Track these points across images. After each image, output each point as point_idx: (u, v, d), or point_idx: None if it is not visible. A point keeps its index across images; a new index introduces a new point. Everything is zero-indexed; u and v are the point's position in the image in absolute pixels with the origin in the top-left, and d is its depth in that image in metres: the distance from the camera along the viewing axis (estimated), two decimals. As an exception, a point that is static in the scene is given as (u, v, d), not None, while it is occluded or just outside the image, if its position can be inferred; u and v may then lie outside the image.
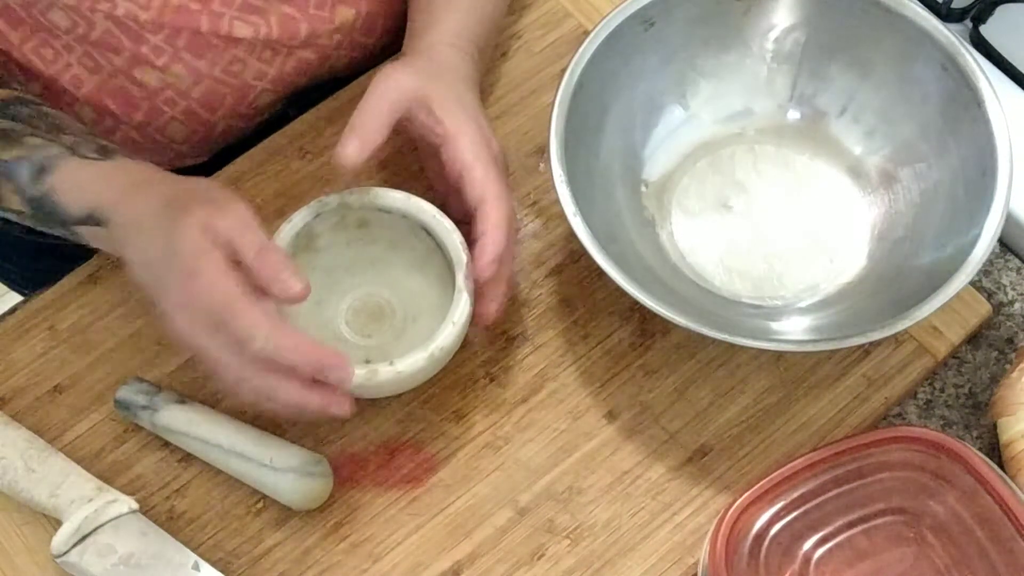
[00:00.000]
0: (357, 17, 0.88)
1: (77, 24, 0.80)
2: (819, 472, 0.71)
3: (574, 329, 0.81)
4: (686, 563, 0.74)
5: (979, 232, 0.73)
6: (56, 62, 0.83)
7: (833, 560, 0.70)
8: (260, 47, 0.85)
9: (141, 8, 0.80)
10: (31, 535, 0.76)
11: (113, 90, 0.84)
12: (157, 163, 0.88)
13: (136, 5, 0.80)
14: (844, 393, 0.79)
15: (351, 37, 0.89)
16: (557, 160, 0.75)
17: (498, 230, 0.74)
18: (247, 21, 0.83)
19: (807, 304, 0.80)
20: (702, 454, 0.77)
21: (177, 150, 0.89)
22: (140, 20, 0.80)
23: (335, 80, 0.91)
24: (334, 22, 0.87)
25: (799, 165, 0.84)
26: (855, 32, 0.81)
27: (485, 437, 0.78)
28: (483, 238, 0.74)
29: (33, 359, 0.81)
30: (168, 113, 0.86)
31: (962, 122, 0.77)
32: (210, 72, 0.84)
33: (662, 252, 0.82)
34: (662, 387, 0.79)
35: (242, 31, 0.83)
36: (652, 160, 0.84)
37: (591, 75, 0.78)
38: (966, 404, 0.80)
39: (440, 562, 0.75)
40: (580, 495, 0.76)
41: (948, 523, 0.71)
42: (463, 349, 0.79)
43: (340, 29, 0.87)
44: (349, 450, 0.78)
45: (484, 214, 0.74)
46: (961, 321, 0.80)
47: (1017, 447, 0.74)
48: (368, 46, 0.91)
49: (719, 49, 0.84)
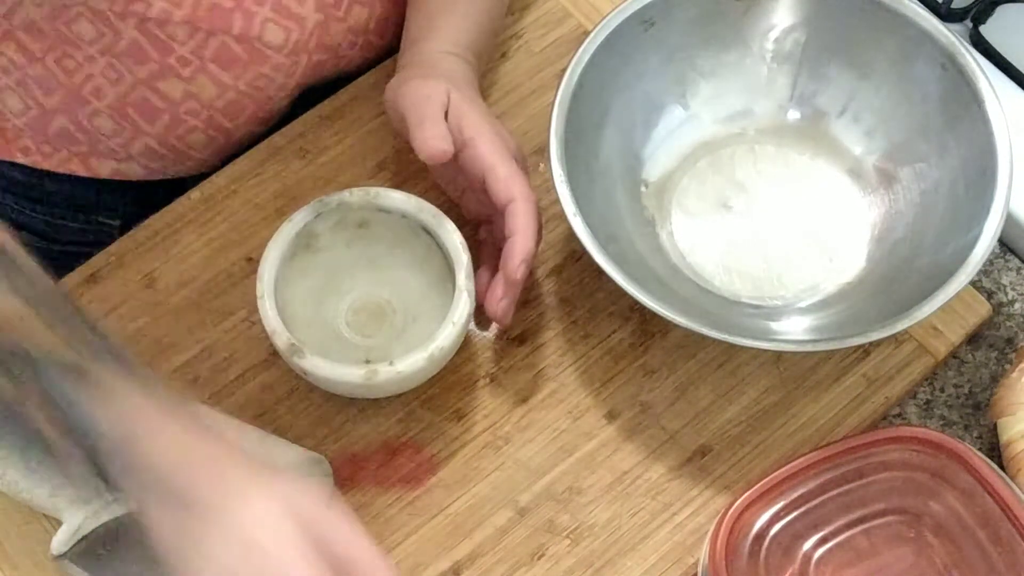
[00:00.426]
0: (371, 18, 0.88)
1: (103, 34, 0.80)
2: (819, 472, 0.71)
3: (574, 329, 0.81)
4: (686, 563, 0.74)
5: (979, 232, 0.73)
6: (78, 72, 0.82)
7: (833, 560, 0.70)
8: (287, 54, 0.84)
9: (175, 6, 0.79)
10: (31, 535, 0.76)
11: (136, 101, 0.84)
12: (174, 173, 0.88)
13: (170, 3, 0.79)
14: (844, 393, 0.79)
15: (365, 38, 0.88)
16: (557, 160, 0.75)
17: (528, 230, 0.74)
18: (280, 25, 0.82)
19: (807, 304, 0.80)
20: (702, 454, 0.77)
21: (196, 158, 0.89)
22: (173, 20, 0.79)
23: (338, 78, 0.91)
24: (347, 22, 0.86)
25: (799, 165, 0.84)
26: (855, 32, 0.81)
27: (485, 437, 0.78)
28: (514, 237, 0.74)
29: (33, 359, 0.81)
30: (190, 123, 0.86)
31: (962, 122, 0.77)
32: (235, 85, 0.84)
33: (662, 252, 0.82)
34: (662, 387, 0.79)
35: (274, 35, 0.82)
36: (652, 160, 0.84)
37: (591, 75, 0.78)
38: (966, 404, 0.80)
39: (440, 562, 0.75)
40: (580, 495, 0.76)
41: (948, 523, 0.71)
42: (463, 349, 0.79)
43: (353, 29, 0.87)
44: (349, 450, 0.78)
45: (513, 213, 0.74)
46: (961, 321, 0.80)
47: (1017, 447, 0.74)
48: (380, 48, 0.90)
49: (719, 49, 0.83)
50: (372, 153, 0.86)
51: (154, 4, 0.78)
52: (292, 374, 0.78)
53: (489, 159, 0.75)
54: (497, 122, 0.79)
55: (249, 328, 0.81)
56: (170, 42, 0.81)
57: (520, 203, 0.74)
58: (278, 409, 0.78)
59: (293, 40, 0.83)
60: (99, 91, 0.83)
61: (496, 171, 0.75)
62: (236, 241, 0.83)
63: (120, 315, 0.82)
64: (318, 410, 0.79)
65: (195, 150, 0.88)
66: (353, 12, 0.86)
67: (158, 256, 0.83)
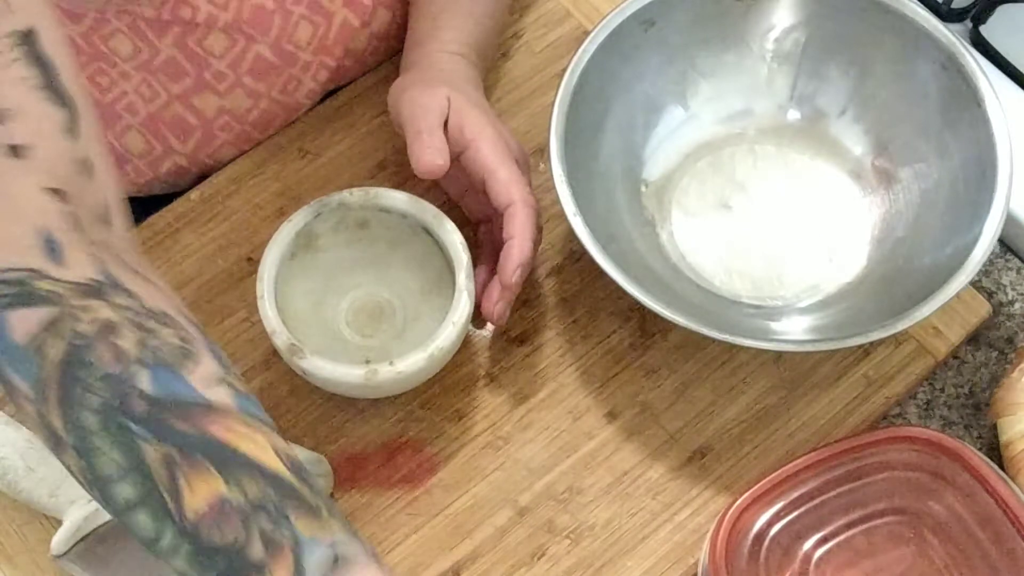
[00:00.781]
0: (393, 23, 0.88)
1: (140, 50, 0.80)
2: (819, 472, 0.71)
3: (574, 329, 0.81)
4: (686, 563, 0.74)
5: (979, 232, 0.73)
6: (112, 90, 0.82)
7: (833, 560, 0.70)
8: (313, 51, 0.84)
9: (220, 8, 0.79)
10: (31, 535, 0.76)
11: (170, 118, 0.84)
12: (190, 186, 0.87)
13: (216, 6, 0.79)
14: (844, 393, 0.79)
15: (387, 44, 0.89)
16: (557, 160, 0.75)
17: (525, 233, 0.74)
18: (311, 21, 0.82)
19: (807, 304, 0.80)
20: (702, 454, 0.77)
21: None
22: (218, 25, 0.79)
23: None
24: (371, 27, 0.86)
25: (799, 165, 0.84)
26: (855, 32, 0.81)
27: (485, 437, 0.78)
28: (511, 241, 0.74)
29: (33, 359, 0.81)
30: (221, 138, 0.86)
31: (962, 122, 0.77)
32: (268, 93, 0.84)
33: (662, 252, 0.82)
34: (662, 387, 0.79)
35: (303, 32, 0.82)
36: (652, 160, 0.84)
37: (591, 75, 0.78)
38: (966, 404, 0.80)
39: (440, 562, 0.75)
40: (580, 495, 0.76)
41: (948, 523, 0.71)
42: (463, 349, 0.79)
43: (377, 35, 0.87)
44: (349, 450, 0.78)
45: (511, 216, 0.74)
46: (961, 321, 0.80)
47: (1017, 447, 0.74)
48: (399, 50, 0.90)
49: (719, 49, 0.83)
50: (372, 153, 0.86)
51: (200, 8, 0.78)
52: (292, 374, 0.78)
53: (490, 162, 0.75)
54: (500, 123, 0.79)
55: (249, 328, 0.81)
56: (207, 57, 0.81)
57: (519, 207, 0.74)
58: (278, 409, 0.78)
59: (319, 36, 0.83)
60: (132, 108, 0.83)
61: (497, 174, 0.75)
62: (236, 241, 0.84)
63: (120, 315, 0.82)
64: (318, 410, 0.79)
65: (223, 164, 0.88)
66: (377, 16, 0.86)
67: (158, 256, 0.83)
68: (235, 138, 0.86)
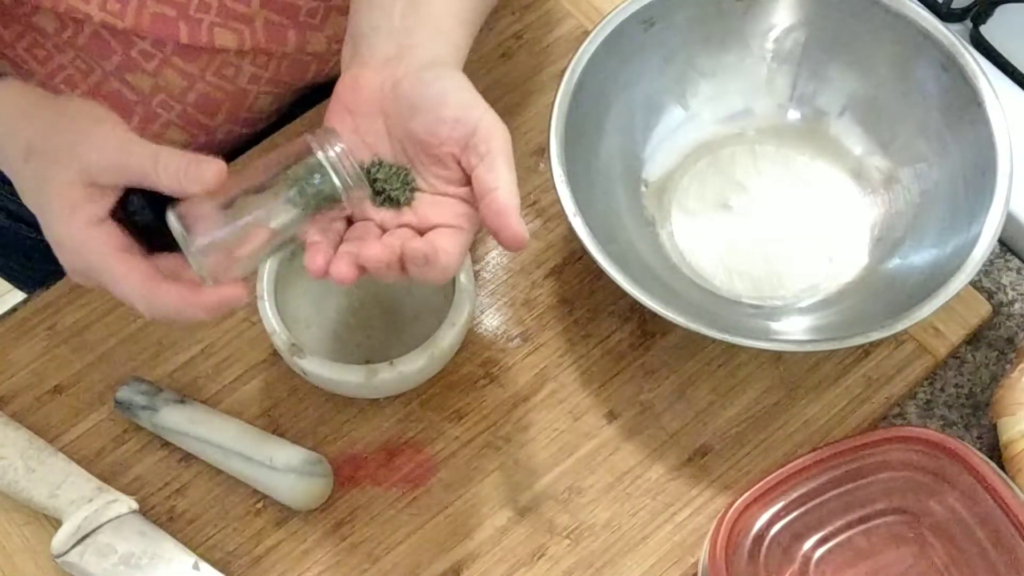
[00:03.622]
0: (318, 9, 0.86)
1: (65, 27, 0.79)
2: (819, 472, 0.71)
3: (574, 329, 0.81)
4: (686, 563, 0.74)
5: (979, 232, 0.73)
6: (49, 62, 0.82)
7: (833, 560, 0.70)
8: (247, 56, 0.83)
9: (116, 18, 0.78)
10: (31, 535, 0.76)
11: (108, 93, 0.83)
12: None
13: (110, 15, 0.78)
14: (844, 393, 0.79)
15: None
16: (557, 160, 0.75)
17: (501, 155, 0.65)
18: (229, 28, 0.81)
19: (807, 304, 0.80)
20: (702, 454, 0.77)
21: None
22: (118, 29, 0.78)
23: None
24: (326, 31, 0.85)
25: (799, 165, 0.84)
26: (855, 32, 0.81)
27: (485, 437, 0.78)
28: (492, 174, 0.64)
29: (33, 359, 0.81)
30: (164, 117, 0.85)
31: (962, 122, 0.77)
32: (202, 76, 0.83)
33: (662, 252, 0.82)
34: (662, 387, 0.79)
35: (224, 39, 0.81)
36: (652, 160, 0.84)
37: (591, 75, 0.78)
38: (966, 404, 0.80)
39: (440, 562, 0.75)
40: (580, 495, 0.76)
41: (948, 523, 0.71)
42: (463, 349, 0.79)
43: (334, 38, 0.86)
44: (349, 450, 0.78)
45: (482, 139, 0.65)
46: (961, 321, 0.80)
47: (1017, 447, 0.74)
48: None
49: (719, 49, 0.84)
50: (372, 153, 0.86)
51: (94, 16, 0.77)
52: (292, 374, 0.78)
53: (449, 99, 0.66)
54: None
55: (249, 328, 0.81)
56: (131, 35, 0.80)
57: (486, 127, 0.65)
58: (278, 409, 0.79)
59: (249, 44, 0.82)
60: (71, 80, 0.83)
61: (453, 101, 0.66)
62: (236, 241, 0.83)
63: (120, 314, 0.82)
64: (318, 410, 0.79)
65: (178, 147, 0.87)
66: (331, 20, 0.85)
67: (158, 256, 0.83)
68: (180, 119, 0.85)
